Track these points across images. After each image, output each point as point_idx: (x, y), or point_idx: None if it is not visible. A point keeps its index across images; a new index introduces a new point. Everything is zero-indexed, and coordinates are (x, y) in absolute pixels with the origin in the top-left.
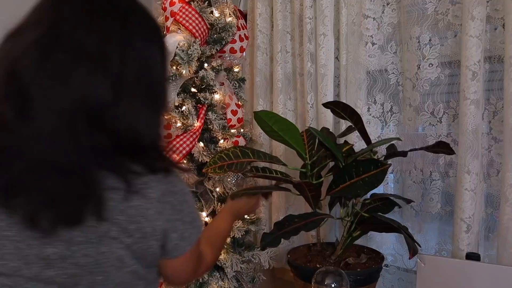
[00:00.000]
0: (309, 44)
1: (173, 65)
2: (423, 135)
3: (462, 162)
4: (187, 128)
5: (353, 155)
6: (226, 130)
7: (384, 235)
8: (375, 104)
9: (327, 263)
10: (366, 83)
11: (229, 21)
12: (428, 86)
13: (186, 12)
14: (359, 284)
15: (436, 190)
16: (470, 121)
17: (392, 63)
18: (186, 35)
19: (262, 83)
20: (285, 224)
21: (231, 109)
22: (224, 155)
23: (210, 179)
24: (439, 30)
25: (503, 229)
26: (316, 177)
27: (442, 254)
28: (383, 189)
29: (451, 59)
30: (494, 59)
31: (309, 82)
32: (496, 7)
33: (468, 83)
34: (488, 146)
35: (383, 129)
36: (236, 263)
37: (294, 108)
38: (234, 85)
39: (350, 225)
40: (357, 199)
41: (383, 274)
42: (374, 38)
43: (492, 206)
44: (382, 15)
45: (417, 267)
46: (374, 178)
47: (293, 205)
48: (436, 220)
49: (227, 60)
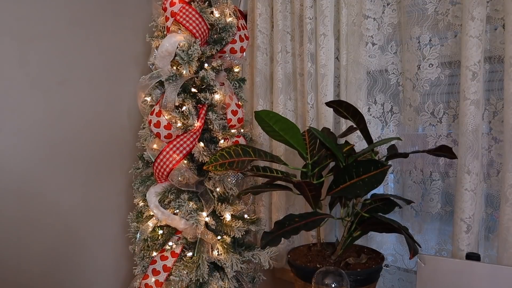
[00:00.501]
0: (309, 44)
1: (173, 65)
2: (423, 135)
3: (462, 162)
4: (187, 128)
5: (353, 155)
6: (226, 130)
7: (384, 235)
8: (375, 104)
9: (327, 263)
10: (366, 83)
11: (229, 22)
12: (428, 86)
13: (187, 13)
14: (359, 284)
15: (436, 190)
16: (470, 121)
17: (392, 63)
18: (186, 35)
19: (262, 83)
20: (285, 223)
21: (231, 109)
22: (225, 153)
23: (210, 179)
24: (439, 31)
25: (503, 229)
26: (317, 177)
27: (442, 254)
28: (383, 189)
29: (451, 59)
30: (494, 59)
31: (309, 82)
32: (496, 7)
33: (468, 83)
34: (488, 146)
35: (383, 129)
36: (236, 263)
37: (294, 108)
38: (234, 85)
39: (350, 225)
40: (358, 199)
41: (383, 274)
42: (374, 38)
43: (492, 206)
44: (382, 15)
45: (417, 267)
46: (374, 178)
47: (293, 205)
48: (436, 220)
49: (227, 60)
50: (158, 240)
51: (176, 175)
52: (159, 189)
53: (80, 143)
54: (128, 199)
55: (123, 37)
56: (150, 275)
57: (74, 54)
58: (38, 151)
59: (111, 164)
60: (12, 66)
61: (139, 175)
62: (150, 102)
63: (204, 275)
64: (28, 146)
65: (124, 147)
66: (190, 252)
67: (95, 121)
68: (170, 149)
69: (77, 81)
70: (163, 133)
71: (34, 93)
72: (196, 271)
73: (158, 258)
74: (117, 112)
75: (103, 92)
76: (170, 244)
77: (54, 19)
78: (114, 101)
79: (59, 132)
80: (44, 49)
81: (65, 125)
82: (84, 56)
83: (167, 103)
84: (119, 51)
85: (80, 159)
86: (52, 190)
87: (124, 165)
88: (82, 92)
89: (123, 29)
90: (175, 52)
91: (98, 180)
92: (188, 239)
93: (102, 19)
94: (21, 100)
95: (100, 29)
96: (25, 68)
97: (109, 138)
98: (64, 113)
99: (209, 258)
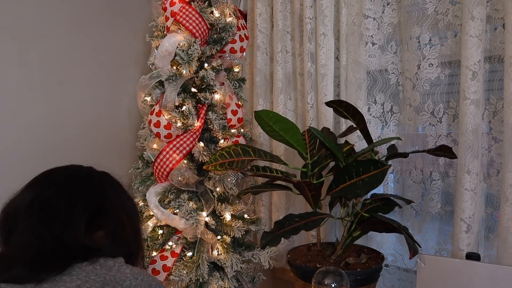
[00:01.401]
0: (309, 44)
1: (173, 65)
2: (423, 135)
3: (462, 162)
4: (187, 128)
5: (353, 155)
6: (226, 130)
7: (384, 235)
8: (375, 104)
9: (327, 263)
10: (366, 83)
11: (229, 21)
12: (428, 86)
13: (187, 12)
14: (359, 284)
15: (436, 190)
16: (470, 121)
17: (392, 63)
18: (186, 35)
19: (262, 83)
20: (285, 223)
21: (231, 109)
22: (225, 153)
23: (210, 179)
24: (439, 30)
25: (503, 229)
26: (316, 177)
27: (442, 254)
28: (383, 189)
29: (451, 59)
30: (494, 59)
31: (309, 82)
32: (496, 7)
33: (468, 83)
34: (488, 146)
35: (383, 129)
36: (236, 263)
37: (294, 108)
38: (234, 85)
39: (350, 225)
40: (358, 199)
41: (383, 274)
42: (374, 38)
43: (492, 206)
44: (382, 15)
45: (417, 267)
46: (374, 178)
47: (293, 205)
48: (436, 220)
49: (227, 60)
50: (158, 240)
51: (176, 175)
52: (159, 189)
53: (80, 143)
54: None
55: (123, 37)
56: None
57: (74, 54)
58: (38, 151)
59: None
60: (12, 66)
61: (139, 175)
62: (150, 102)
63: (204, 275)
64: (28, 146)
65: (124, 147)
66: (190, 252)
67: (95, 121)
68: (170, 149)
69: (77, 81)
70: (163, 133)
71: (34, 93)
72: (196, 271)
73: (158, 258)
74: (117, 112)
75: (103, 92)
76: (170, 244)
77: (54, 19)
78: (114, 101)
79: (59, 132)
80: (44, 49)
81: (65, 125)
82: (84, 56)
83: (167, 103)
84: (119, 51)
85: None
86: None
87: (124, 165)
88: (82, 92)
89: (123, 29)
90: (175, 52)
91: None
92: (188, 239)
93: (102, 19)
94: (21, 100)
95: (100, 29)
96: (25, 68)
97: (109, 138)
98: (64, 113)
99: (209, 258)
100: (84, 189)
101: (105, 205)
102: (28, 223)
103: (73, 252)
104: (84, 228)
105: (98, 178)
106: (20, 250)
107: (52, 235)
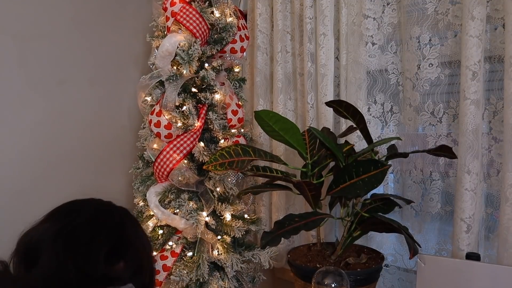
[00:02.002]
0: (309, 44)
1: (173, 65)
2: (423, 135)
3: (462, 162)
4: (188, 128)
5: (353, 155)
6: (227, 130)
7: (384, 235)
8: (375, 104)
9: (327, 263)
10: (366, 83)
11: (229, 21)
12: (428, 86)
13: (187, 12)
14: (359, 284)
15: (436, 190)
16: (470, 121)
17: (392, 63)
18: (186, 35)
19: (262, 83)
20: (285, 223)
21: (232, 109)
22: (225, 153)
23: (210, 179)
24: (439, 30)
25: (503, 229)
26: (316, 177)
27: (442, 254)
28: (383, 189)
29: (451, 59)
30: (494, 59)
31: (309, 82)
32: (496, 7)
33: (468, 83)
34: (488, 146)
35: (383, 129)
36: (236, 263)
37: (294, 108)
38: (234, 85)
39: (350, 225)
40: (358, 199)
41: (383, 274)
42: (374, 38)
43: (492, 206)
44: (382, 15)
45: (417, 267)
46: (374, 178)
47: (293, 205)
48: (436, 220)
49: (228, 60)
50: (158, 240)
51: (176, 174)
52: (159, 188)
53: (80, 143)
54: (128, 199)
55: (123, 37)
56: None
57: (74, 54)
58: (37, 151)
59: (111, 164)
60: (12, 66)
61: (139, 175)
62: (150, 102)
63: (204, 275)
64: (28, 146)
65: (124, 147)
66: (190, 251)
67: (95, 121)
68: (170, 149)
69: (76, 81)
70: (163, 132)
71: (33, 93)
72: (196, 271)
73: (158, 257)
74: (117, 112)
75: (103, 92)
76: (170, 244)
77: (54, 19)
78: (114, 101)
79: (59, 132)
80: (44, 49)
81: (65, 125)
82: (84, 56)
83: (168, 103)
84: (119, 51)
85: (80, 159)
86: (52, 190)
87: (124, 165)
88: (82, 92)
89: (123, 29)
90: (176, 52)
91: (98, 180)
92: (188, 238)
93: (102, 19)
94: (21, 100)
95: (100, 29)
96: (24, 68)
97: (109, 138)
98: (64, 113)
99: (209, 258)
100: (107, 221)
101: (125, 238)
102: (54, 253)
103: (93, 282)
104: (105, 258)
105: (119, 212)
106: (46, 280)
107: (76, 266)
